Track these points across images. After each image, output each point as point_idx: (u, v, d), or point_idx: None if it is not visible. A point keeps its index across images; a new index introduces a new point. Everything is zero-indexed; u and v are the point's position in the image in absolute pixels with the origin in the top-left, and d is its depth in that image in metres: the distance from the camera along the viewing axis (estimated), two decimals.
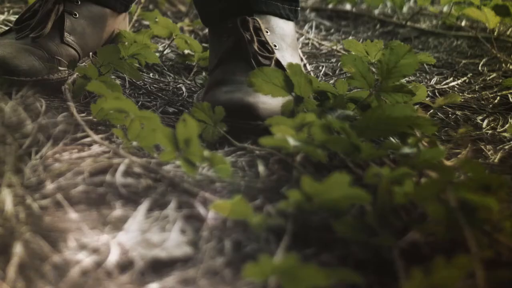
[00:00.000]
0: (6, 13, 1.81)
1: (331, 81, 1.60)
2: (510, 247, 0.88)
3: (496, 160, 1.21)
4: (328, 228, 0.92)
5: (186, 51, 1.68)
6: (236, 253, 0.87)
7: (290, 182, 1.07)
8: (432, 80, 1.63)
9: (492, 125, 1.38)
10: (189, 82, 1.57)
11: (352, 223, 0.91)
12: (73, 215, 0.93)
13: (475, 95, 1.54)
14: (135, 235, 0.89)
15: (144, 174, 1.06)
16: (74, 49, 1.48)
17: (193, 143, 1.04)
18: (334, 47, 1.83)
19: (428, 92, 1.53)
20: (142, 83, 1.51)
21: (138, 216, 0.94)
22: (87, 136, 1.18)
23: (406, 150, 1.07)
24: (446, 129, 1.35)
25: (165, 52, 1.69)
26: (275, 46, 1.40)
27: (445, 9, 2.13)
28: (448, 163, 1.13)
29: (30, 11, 1.49)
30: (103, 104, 1.20)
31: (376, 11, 2.18)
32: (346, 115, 1.20)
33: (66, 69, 1.42)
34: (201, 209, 0.96)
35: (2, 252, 0.83)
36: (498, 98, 1.52)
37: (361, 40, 1.90)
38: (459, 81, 1.62)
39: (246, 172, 1.12)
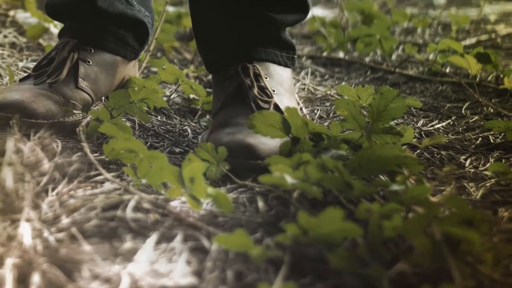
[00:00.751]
0: (25, 60, 1.82)
1: (326, 124, 1.60)
2: (491, 277, 0.89)
3: (478, 197, 1.22)
4: (323, 259, 0.92)
5: (191, 96, 1.68)
6: (237, 283, 0.88)
7: (287, 217, 1.07)
8: (419, 123, 1.63)
9: (475, 164, 1.39)
10: (194, 124, 1.57)
11: (345, 255, 0.92)
12: (87, 247, 0.93)
13: (458, 137, 1.54)
14: (144, 265, 0.89)
15: (153, 209, 1.06)
16: (88, 93, 1.48)
17: (198, 180, 1.05)
18: (328, 92, 1.83)
19: (415, 133, 1.53)
20: (151, 125, 1.52)
21: (147, 248, 0.94)
22: (100, 174, 1.18)
23: (395, 187, 1.07)
24: (431, 168, 1.35)
25: (172, 97, 1.70)
26: (273, 91, 1.41)
27: (431, 56, 2.13)
28: (433, 199, 1.13)
29: (47, 59, 1.49)
30: (114, 144, 1.21)
31: (367, 59, 2.19)
32: (340, 155, 1.21)
33: (80, 112, 1.43)
34: (205, 242, 0.96)
35: (21, 281, 0.83)
36: (480, 139, 1.52)
37: (353, 85, 1.90)
38: (443, 124, 1.63)
39: (246, 207, 1.12)
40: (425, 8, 2.99)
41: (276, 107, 1.38)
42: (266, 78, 1.42)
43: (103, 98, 1.55)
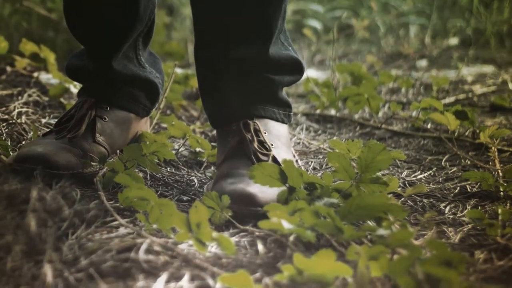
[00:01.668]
0: (47, 117, 1.83)
1: (319, 174, 1.60)
2: None
3: (456, 240, 1.22)
4: None
5: (198, 149, 1.68)
6: None
7: (284, 258, 1.07)
8: (403, 173, 1.64)
9: (453, 211, 1.39)
10: (200, 175, 1.58)
11: None
12: (103, 286, 0.94)
13: (439, 186, 1.55)
14: None
15: (163, 251, 1.06)
16: (104, 147, 1.49)
17: (204, 225, 1.05)
18: (321, 146, 1.84)
19: (400, 183, 1.54)
20: (161, 176, 1.52)
21: (158, 287, 0.94)
22: (115, 220, 1.19)
23: (381, 231, 1.08)
24: (414, 214, 1.36)
25: (180, 150, 1.70)
26: (272, 145, 1.42)
27: (414, 114, 2.13)
28: (416, 242, 1.14)
29: (67, 116, 1.50)
30: (128, 193, 1.22)
31: (356, 116, 2.18)
32: (331, 203, 1.21)
33: (97, 164, 1.44)
34: (210, 281, 0.97)
35: None
36: (458, 188, 1.53)
37: (343, 139, 1.90)
38: (425, 174, 1.63)
39: (247, 250, 1.12)
40: (409, 70, 3.01)
41: (274, 159, 1.38)
42: (265, 133, 1.43)
43: (118, 151, 1.55)
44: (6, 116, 1.72)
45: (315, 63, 3.06)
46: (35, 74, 2.21)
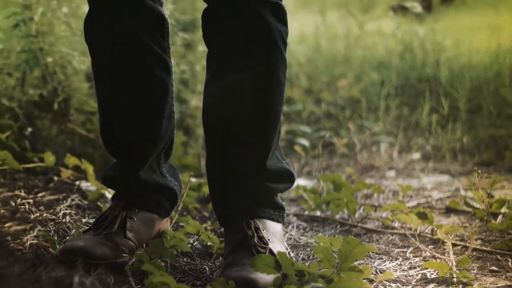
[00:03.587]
0: (87, 217, 1.85)
1: (307, 264, 1.59)
2: None
3: None
4: None
5: (209, 243, 1.69)
6: None
7: None
8: (375, 263, 1.64)
9: None
10: (210, 264, 1.58)
11: None
12: None
13: (404, 273, 1.55)
14: None
15: None
16: (133, 242, 1.50)
17: None
18: (309, 241, 1.84)
19: (372, 271, 1.54)
20: (179, 265, 1.52)
21: None
22: None
23: None
24: None
25: (194, 244, 1.71)
26: (269, 240, 1.43)
27: (384, 214, 2.14)
28: None
29: (103, 216, 1.52)
30: (152, 279, 1.23)
31: (337, 216, 2.19)
32: (317, 287, 1.23)
33: (127, 255, 1.45)
34: None
35: None
36: (420, 275, 1.54)
37: (327, 235, 1.89)
38: (393, 263, 1.64)
39: None
40: (380, 179, 3.04)
41: (271, 251, 1.40)
42: (263, 230, 1.45)
43: (144, 245, 1.56)
44: (54, 217, 1.74)
45: (304, 173, 3.09)
46: (77, 183, 2.23)
